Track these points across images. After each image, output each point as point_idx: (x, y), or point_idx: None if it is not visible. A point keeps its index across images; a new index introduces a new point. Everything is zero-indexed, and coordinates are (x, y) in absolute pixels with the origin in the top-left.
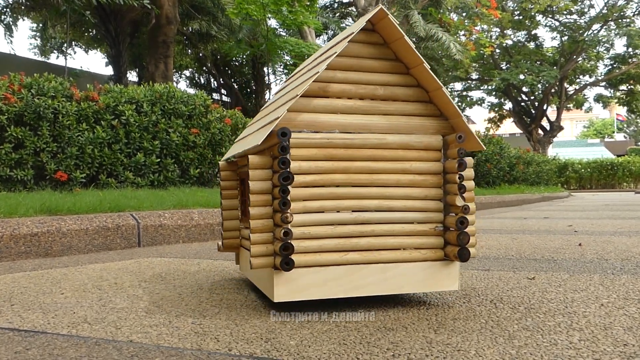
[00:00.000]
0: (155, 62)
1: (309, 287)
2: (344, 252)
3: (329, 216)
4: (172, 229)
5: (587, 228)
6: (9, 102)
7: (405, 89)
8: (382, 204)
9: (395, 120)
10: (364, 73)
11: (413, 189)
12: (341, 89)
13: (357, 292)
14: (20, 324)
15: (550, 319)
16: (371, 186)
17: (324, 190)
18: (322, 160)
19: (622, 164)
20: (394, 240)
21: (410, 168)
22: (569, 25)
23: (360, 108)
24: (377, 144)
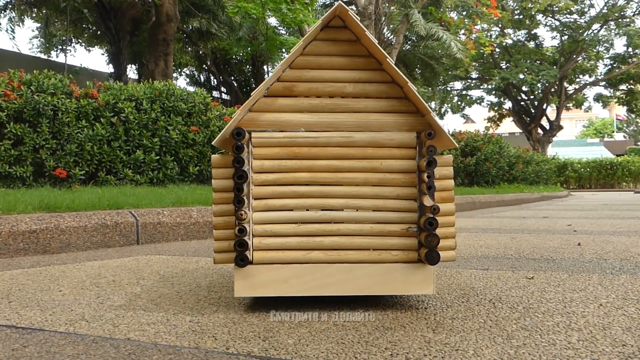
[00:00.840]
0: (155, 59)
1: (270, 283)
2: (308, 251)
3: (293, 214)
4: (170, 226)
5: (586, 228)
6: (8, 98)
7: (377, 85)
8: (349, 202)
9: (364, 117)
10: (334, 71)
11: (383, 187)
12: (308, 88)
13: (320, 291)
14: (18, 321)
15: (549, 319)
16: (337, 185)
17: (287, 188)
18: (285, 159)
19: (621, 163)
20: (362, 240)
21: (381, 166)
22: (569, 25)
23: (327, 106)
24: (343, 142)
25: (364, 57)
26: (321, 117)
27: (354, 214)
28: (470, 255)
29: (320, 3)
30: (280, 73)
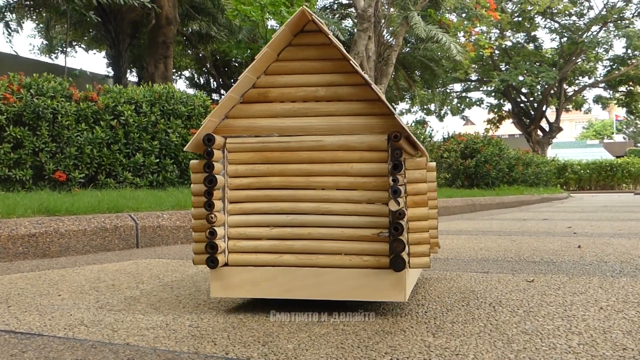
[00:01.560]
0: (155, 62)
1: (243, 285)
2: (279, 254)
3: (265, 218)
4: (170, 229)
5: (587, 230)
6: (8, 102)
7: (349, 87)
8: (320, 206)
9: (336, 120)
10: (307, 75)
11: (354, 191)
12: (282, 93)
13: (290, 294)
14: (17, 326)
15: (550, 323)
16: (308, 189)
17: (260, 192)
18: (258, 164)
19: (621, 165)
20: (332, 244)
21: (351, 170)
22: (568, 27)
23: (299, 111)
24: (314, 146)
25: (336, 60)
26: (294, 122)
27: (324, 218)
28: (470, 258)
29: (320, 6)
30: (252, 79)
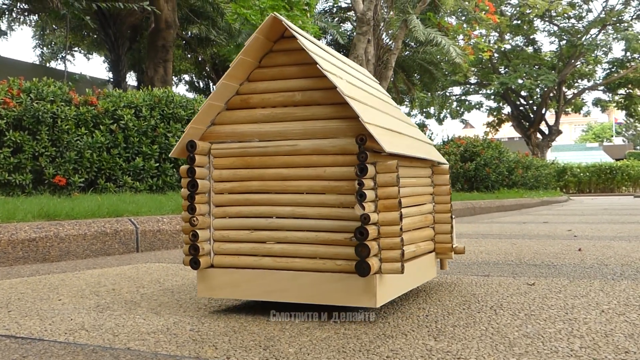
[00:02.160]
0: (155, 66)
1: (225, 286)
2: (259, 257)
3: (246, 221)
4: (170, 234)
5: (587, 233)
6: (8, 106)
7: (323, 91)
8: (296, 210)
9: (311, 124)
10: (285, 80)
11: (327, 195)
12: (262, 99)
13: (269, 296)
14: (17, 330)
15: (551, 326)
16: (284, 193)
17: (241, 196)
18: (239, 169)
19: (620, 168)
20: (307, 248)
21: (324, 174)
22: (567, 30)
23: (277, 116)
24: (290, 151)
25: (309, 64)
26: (273, 127)
27: (300, 221)
28: (470, 261)
29: (320, 9)
30: (228, 85)
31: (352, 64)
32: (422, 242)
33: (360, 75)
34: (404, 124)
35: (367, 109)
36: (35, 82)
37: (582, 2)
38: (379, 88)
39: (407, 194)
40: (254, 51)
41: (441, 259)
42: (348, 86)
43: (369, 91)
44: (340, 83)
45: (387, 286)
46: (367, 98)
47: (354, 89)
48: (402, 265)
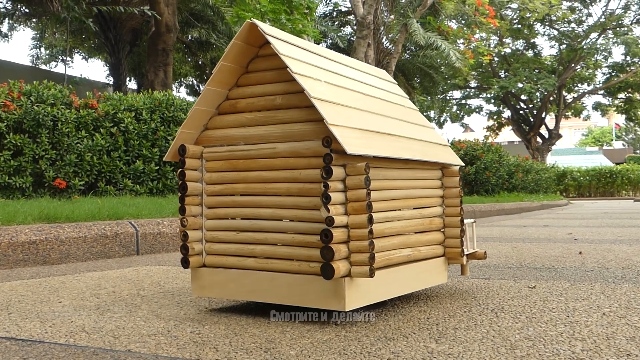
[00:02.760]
0: (155, 70)
1: (213, 286)
2: (243, 257)
3: (233, 222)
4: (170, 236)
5: (587, 236)
6: (8, 109)
7: (300, 94)
8: (275, 212)
9: (290, 127)
10: (267, 85)
11: (303, 197)
12: (247, 103)
13: (251, 296)
14: (18, 333)
15: (552, 329)
16: (265, 195)
17: (228, 198)
18: (227, 171)
19: (620, 171)
20: (285, 250)
21: (300, 176)
22: (567, 34)
23: (260, 119)
24: (269, 154)
25: (284, 68)
26: (256, 131)
27: (279, 223)
28: (471, 264)
29: (320, 13)
30: (212, 91)
31: (356, 64)
32: (423, 246)
33: (361, 75)
34: (406, 125)
35: (341, 110)
36: (36, 85)
37: (582, 6)
38: (387, 88)
39: (399, 197)
40: (234, 57)
41: (453, 264)
42: (321, 88)
43: (364, 91)
44: (310, 85)
45: (362, 290)
46: (351, 99)
47: (332, 90)
48: (371, 269)
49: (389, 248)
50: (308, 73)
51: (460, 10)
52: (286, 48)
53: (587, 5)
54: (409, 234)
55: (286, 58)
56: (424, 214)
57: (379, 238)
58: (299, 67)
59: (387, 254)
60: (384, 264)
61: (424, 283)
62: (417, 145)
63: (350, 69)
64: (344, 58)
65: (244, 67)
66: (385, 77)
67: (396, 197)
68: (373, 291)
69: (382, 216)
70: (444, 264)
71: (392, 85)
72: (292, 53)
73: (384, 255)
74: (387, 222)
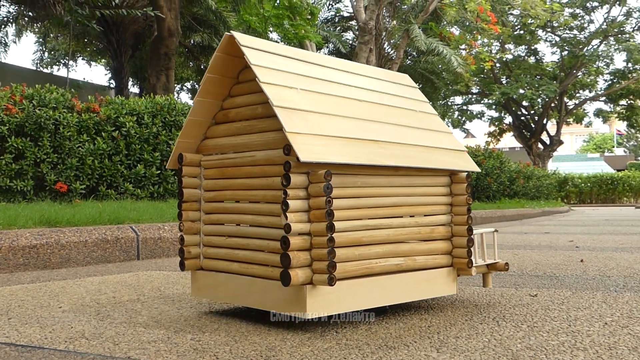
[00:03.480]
0: (157, 74)
1: (207, 288)
2: (230, 262)
3: (223, 228)
4: (171, 241)
5: (589, 244)
6: (10, 112)
7: (269, 104)
8: (255, 219)
9: (266, 136)
10: (251, 95)
11: (276, 204)
12: (237, 113)
13: (234, 300)
14: (17, 338)
15: (554, 338)
16: (247, 202)
17: (219, 204)
18: (219, 179)
19: (622, 178)
20: (263, 255)
21: (273, 183)
22: (568, 40)
23: (245, 128)
24: (250, 161)
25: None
26: (242, 139)
27: (258, 230)
28: None
29: (322, 18)
30: (203, 102)
31: (363, 70)
32: (422, 255)
33: (365, 81)
34: (407, 130)
35: (311, 117)
36: (38, 89)
37: (584, 13)
38: (400, 93)
39: (385, 204)
40: (217, 68)
41: (463, 275)
42: (293, 96)
43: (358, 97)
44: (275, 93)
45: (329, 298)
46: (333, 105)
47: (309, 97)
48: (330, 277)
49: (370, 257)
50: (281, 82)
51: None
52: (260, 58)
53: (589, 12)
54: (401, 243)
55: (256, 67)
56: (422, 222)
57: (357, 246)
58: (269, 76)
59: (367, 262)
60: (363, 272)
61: (422, 294)
62: (415, 152)
63: (352, 74)
64: (347, 64)
65: (235, 77)
66: (402, 82)
67: (381, 204)
68: (345, 300)
69: (359, 224)
70: (451, 274)
71: (408, 90)
72: (267, 62)
73: (363, 264)
74: (366, 230)
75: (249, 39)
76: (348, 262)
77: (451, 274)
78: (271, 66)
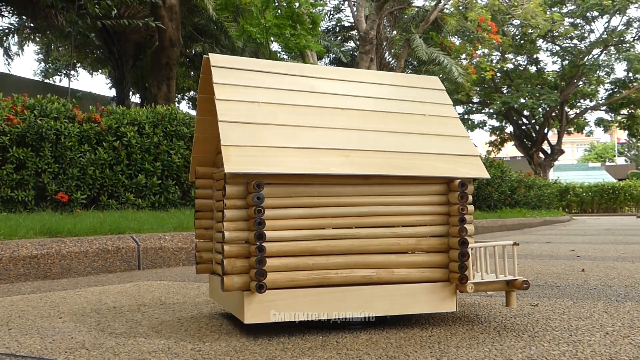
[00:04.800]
0: (158, 84)
1: (212, 291)
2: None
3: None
4: (172, 251)
5: (590, 253)
6: (11, 123)
7: None
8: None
9: None
10: None
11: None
12: None
13: (221, 304)
14: (18, 349)
15: (555, 348)
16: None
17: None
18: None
19: (623, 188)
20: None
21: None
22: (569, 50)
23: None
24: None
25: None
26: None
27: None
28: None
29: (323, 28)
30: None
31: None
32: (401, 268)
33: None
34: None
35: (257, 130)
36: (39, 99)
37: (584, 22)
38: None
39: (347, 214)
40: (205, 88)
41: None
42: (246, 111)
43: (340, 105)
44: (224, 109)
45: (268, 305)
46: (297, 117)
47: (268, 110)
48: (259, 285)
49: (328, 267)
50: (242, 97)
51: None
52: (227, 75)
53: (589, 21)
54: (372, 254)
55: (217, 85)
56: (403, 233)
57: (310, 256)
58: (228, 94)
59: (324, 272)
60: (318, 282)
61: (403, 308)
62: (392, 159)
63: (348, 82)
64: (348, 73)
65: None
66: (422, 85)
67: (343, 214)
68: (294, 308)
69: (311, 233)
70: (446, 289)
71: (426, 93)
72: (234, 80)
73: (317, 273)
74: (321, 239)
75: (224, 58)
76: (298, 271)
77: (447, 289)
78: (237, 83)
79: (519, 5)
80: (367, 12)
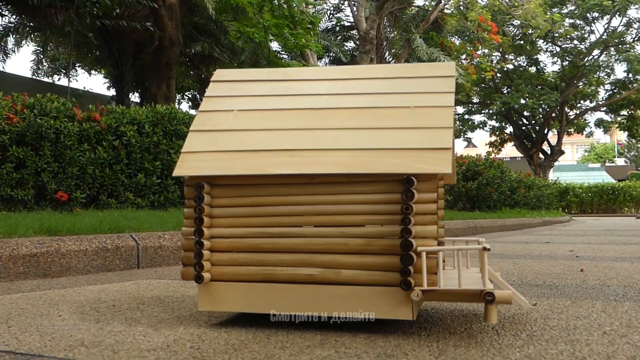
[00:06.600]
0: (158, 83)
1: None
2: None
3: None
4: (171, 250)
5: (589, 253)
6: (11, 122)
7: None
8: None
9: None
10: None
11: None
12: None
13: None
14: (17, 346)
15: (553, 347)
16: None
17: None
18: None
19: (623, 188)
20: None
21: None
22: (569, 51)
23: None
24: None
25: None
26: None
27: None
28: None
29: (323, 28)
30: None
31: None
32: (348, 269)
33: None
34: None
35: (219, 136)
36: (39, 98)
37: (584, 23)
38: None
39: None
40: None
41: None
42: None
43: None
44: (201, 119)
45: (215, 296)
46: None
47: (241, 116)
48: (197, 276)
49: (273, 263)
50: (220, 107)
51: (462, 26)
52: (220, 88)
53: (590, 22)
54: (318, 253)
55: (206, 98)
56: (351, 233)
57: (256, 252)
58: (211, 104)
59: (270, 269)
60: (263, 277)
61: (348, 309)
62: (347, 156)
63: (335, 81)
64: (339, 71)
65: None
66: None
67: (289, 212)
68: (239, 301)
69: (258, 231)
70: (400, 294)
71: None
72: (224, 91)
73: (263, 269)
74: (267, 237)
75: (228, 72)
76: (244, 266)
77: (402, 294)
78: (226, 94)
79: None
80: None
